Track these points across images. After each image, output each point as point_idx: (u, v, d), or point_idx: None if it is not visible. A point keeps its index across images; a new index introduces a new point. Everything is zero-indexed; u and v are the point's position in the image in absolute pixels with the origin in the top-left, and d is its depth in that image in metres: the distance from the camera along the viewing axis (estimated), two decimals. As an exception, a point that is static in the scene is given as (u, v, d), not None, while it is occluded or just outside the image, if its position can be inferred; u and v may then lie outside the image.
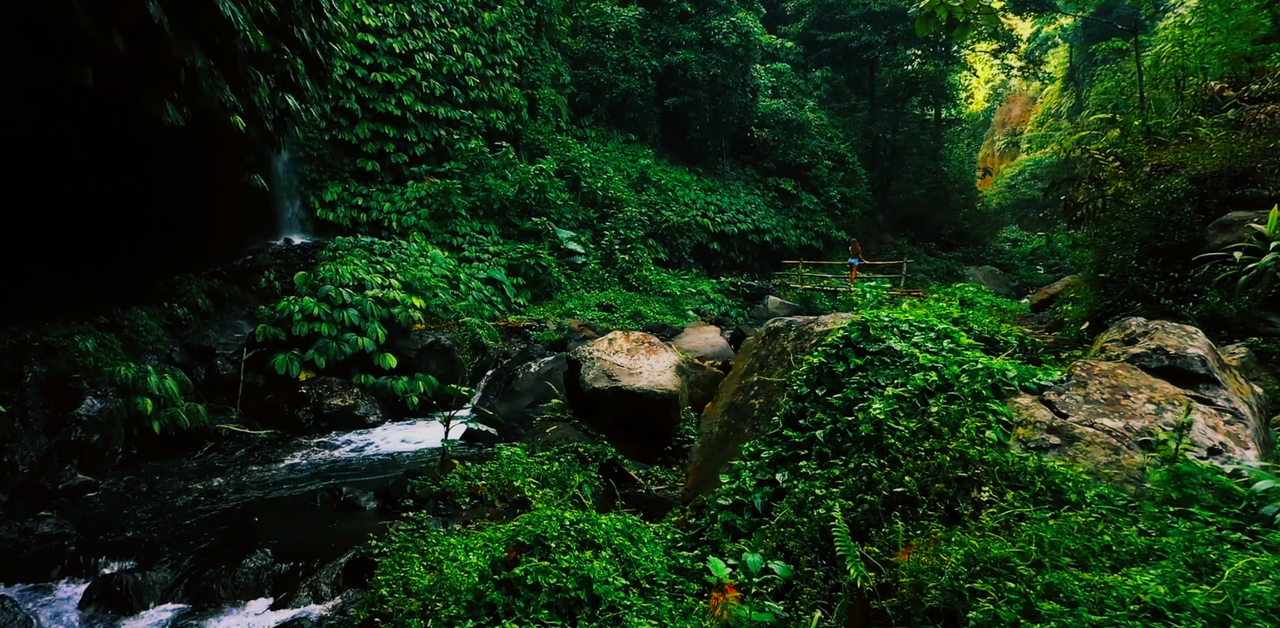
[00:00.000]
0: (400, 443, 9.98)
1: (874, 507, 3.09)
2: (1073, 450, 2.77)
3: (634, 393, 7.52)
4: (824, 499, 3.41)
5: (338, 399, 11.04)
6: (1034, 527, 2.32)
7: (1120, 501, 2.46)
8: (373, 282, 12.91)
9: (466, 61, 20.60)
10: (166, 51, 7.88)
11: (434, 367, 12.50)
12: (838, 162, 31.59)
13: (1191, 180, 5.90)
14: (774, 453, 4.03)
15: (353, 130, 18.31)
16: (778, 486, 3.88)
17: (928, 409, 3.30)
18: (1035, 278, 34.71)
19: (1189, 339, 3.27)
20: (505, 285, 17.33)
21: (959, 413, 3.13)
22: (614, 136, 27.04)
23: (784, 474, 3.88)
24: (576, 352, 8.20)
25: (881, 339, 3.94)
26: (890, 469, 3.15)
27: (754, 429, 4.46)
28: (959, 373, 3.41)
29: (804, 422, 4.02)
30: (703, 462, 4.81)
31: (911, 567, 2.49)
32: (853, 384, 3.86)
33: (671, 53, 26.75)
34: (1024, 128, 64.93)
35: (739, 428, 4.59)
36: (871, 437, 3.43)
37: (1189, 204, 5.84)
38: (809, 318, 4.70)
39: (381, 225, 17.99)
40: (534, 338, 14.86)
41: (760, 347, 4.84)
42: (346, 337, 11.71)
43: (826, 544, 3.23)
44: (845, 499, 3.28)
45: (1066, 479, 2.58)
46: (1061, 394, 3.09)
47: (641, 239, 22.23)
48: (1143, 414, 2.86)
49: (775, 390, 4.47)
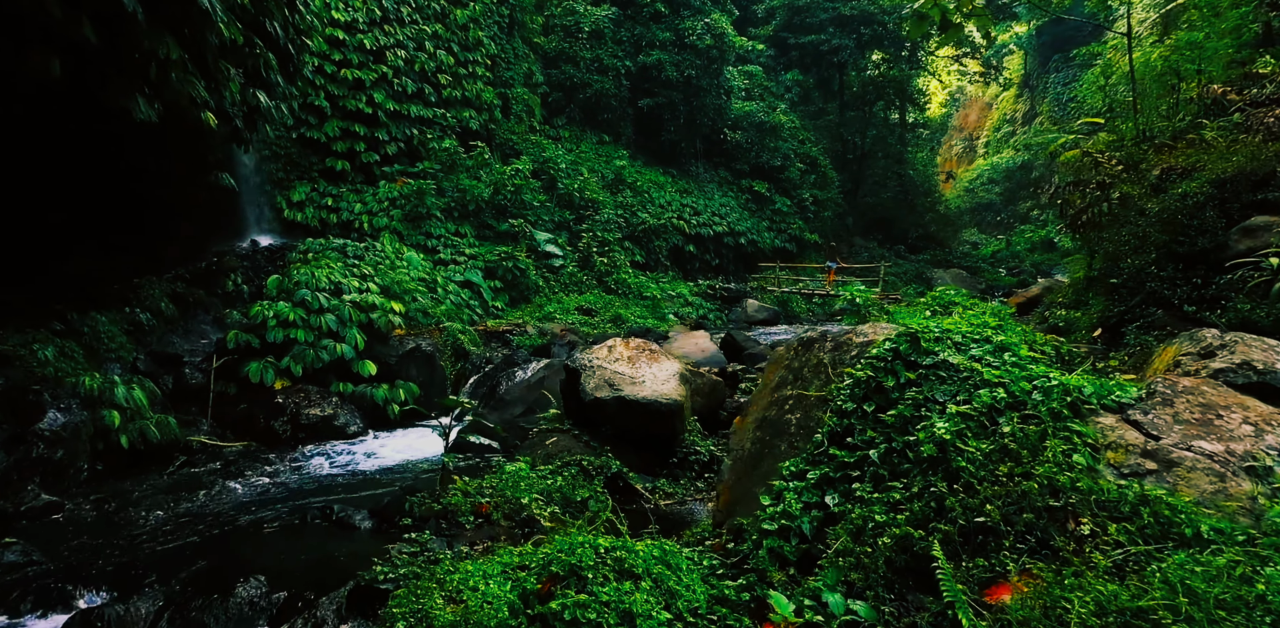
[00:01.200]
0: (386, 455, 9.57)
1: (949, 537, 2.92)
2: (1172, 477, 2.64)
3: (638, 403, 7.29)
4: (886, 526, 3.23)
5: (316, 409, 10.57)
6: (1174, 571, 2.16)
7: (1239, 535, 2.33)
8: (350, 285, 12.43)
9: (439, 59, 20.11)
10: (138, 42, 7.40)
11: (415, 374, 12.09)
12: (809, 164, 31.82)
13: (1213, 184, 5.92)
14: (820, 473, 3.84)
15: (322, 128, 17.70)
16: (828, 509, 3.69)
17: (999, 429, 3.15)
18: (1000, 280, 35.52)
19: (1275, 352, 3.19)
20: (483, 289, 16.93)
21: (1038, 434, 2.98)
22: (587, 137, 26.76)
23: (834, 497, 3.70)
24: (575, 360, 7.93)
25: (934, 352, 3.79)
26: (965, 495, 2.98)
27: (792, 446, 4.27)
28: (1029, 389, 3.27)
29: (852, 440, 3.84)
30: (735, 480, 4.61)
31: (1024, 613, 2.32)
32: (907, 401, 3.69)
33: (645, 53, 26.60)
34: (980, 133, 66.52)
35: (775, 445, 4.41)
36: (936, 458, 3.26)
37: (1210, 208, 5.86)
38: (845, 328, 4.54)
39: (352, 227, 17.43)
40: (515, 343, 14.52)
41: (793, 358, 4.66)
42: (324, 343, 11.24)
43: (897, 578, 3.06)
44: (912, 527, 3.11)
45: (1177, 511, 2.44)
46: (1148, 414, 2.96)
47: (618, 241, 22.00)
48: (1241, 436, 2.76)
49: (813, 405, 4.29)
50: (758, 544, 3.85)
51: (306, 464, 9.08)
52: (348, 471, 8.86)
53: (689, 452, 7.45)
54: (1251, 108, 6.83)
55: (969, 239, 49.43)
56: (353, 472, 8.78)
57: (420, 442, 10.27)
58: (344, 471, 8.86)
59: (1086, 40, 52.21)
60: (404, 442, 10.34)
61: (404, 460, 9.34)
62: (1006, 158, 57.21)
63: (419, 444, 10.11)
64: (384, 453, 9.75)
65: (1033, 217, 51.21)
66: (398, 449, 9.92)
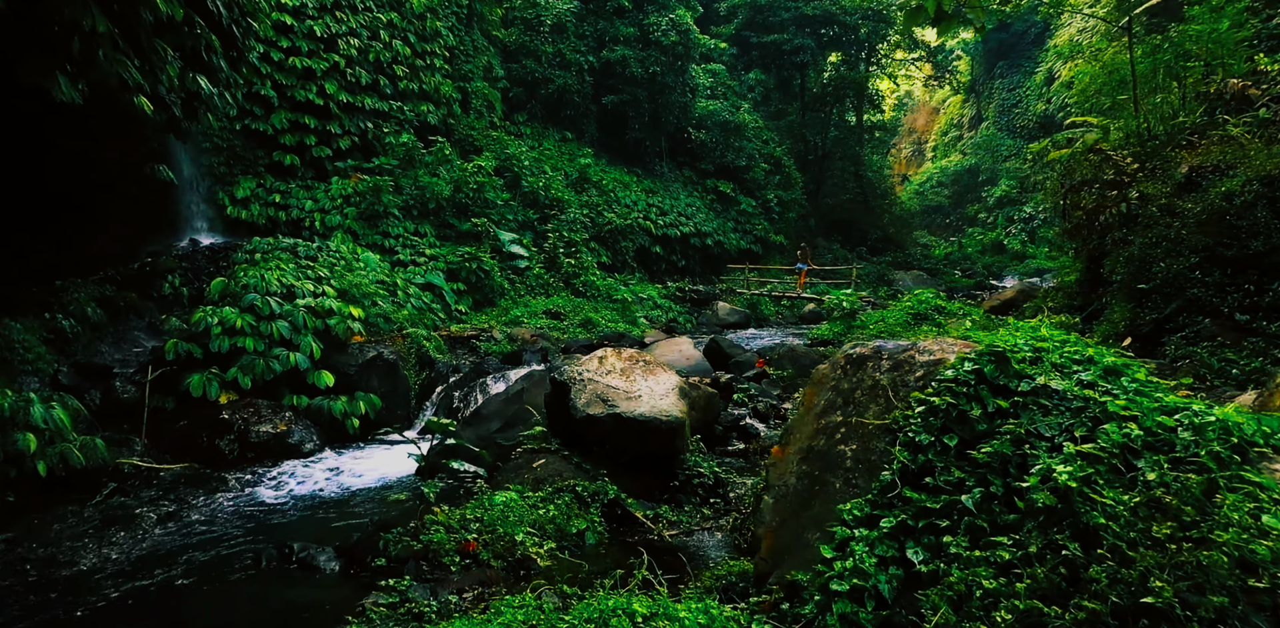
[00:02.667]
0: (348, 476, 8.69)
1: (1098, 619, 2.36)
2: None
3: (635, 421, 6.63)
4: (1000, 596, 2.66)
5: (267, 425, 9.59)
6: None
7: None
8: (304, 289, 11.43)
9: (395, 49, 19.06)
10: (57, 11, 6.41)
11: (377, 384, 11.18)
12: (774, 165, 31.60)
13: (1262, 182, 5.59)
14: (896, 521, 3.26)
15: (268, 120, 16.50)
16: (910, 566, 3.11)
17: (1141, 476, 2.62)
18: (958, 282, 35.93)
19: None
20: (445, 292, 16.01)
21: (1201, 485, 2.46)
22: (550, 135, 25.94)
23: (918, 552, 3.11)
24: (563, 373, 7.23)
25: (1029, 375, 3.25)
26: (1113, 563, 2.44)
27: (849, 484, 3.69)
28: (1172, 425, 2.75)
29: (933, 480, 3.27)
30: (779, 523, 4.00)
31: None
32: (1003, 435, 3.13)
33: (609, 49, 25.92)
34: (928, 137, 67.83)
35: (826, 481, 3.81)
36: (1057, 510, 2.71)
37: (1261, 208, 5.52)
38: (901, 344, 3.98)
39: (303, 225, 16.29)
40: (483, 350, 13.68)
41: (840, 378, 4.08)
42: (276, 352, 10.25)
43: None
44: (1037, 600, 2.55)
45: None
46: (1342, 461, 2.49)
47: (585, 242, 21.26)
48: None
49: (873, 435, 3.72)
50: (823, 607, 3.24)
51: (257, 489, 8.14)
52: (305, 496, 7.96)
53: (691, 474, 6.83)
54: (1277, 103, 6.62)
55: (920, 241, 50.22)
56: (311, 497, 7.88)
57: (385, 459, 9.41)
58: (301, 496, 7.95)
59: (1029, 48, 53.82)
60: (367, 462, 9.46)
61: (368, 482, 8.48)
62: (954, 162, 58.43)
63: (384, 462, 9.26)
64: (345, 474, 8.87)
65: (980, 219, 52.38)
66: (360, 469, 9.05)
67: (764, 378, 10.70)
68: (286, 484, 8.34)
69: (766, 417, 8.97)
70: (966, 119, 60.92)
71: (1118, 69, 12.78)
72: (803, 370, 10.81)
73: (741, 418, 8.80)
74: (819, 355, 11.08)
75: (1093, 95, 15.22)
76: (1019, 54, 54.42)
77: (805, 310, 23.71)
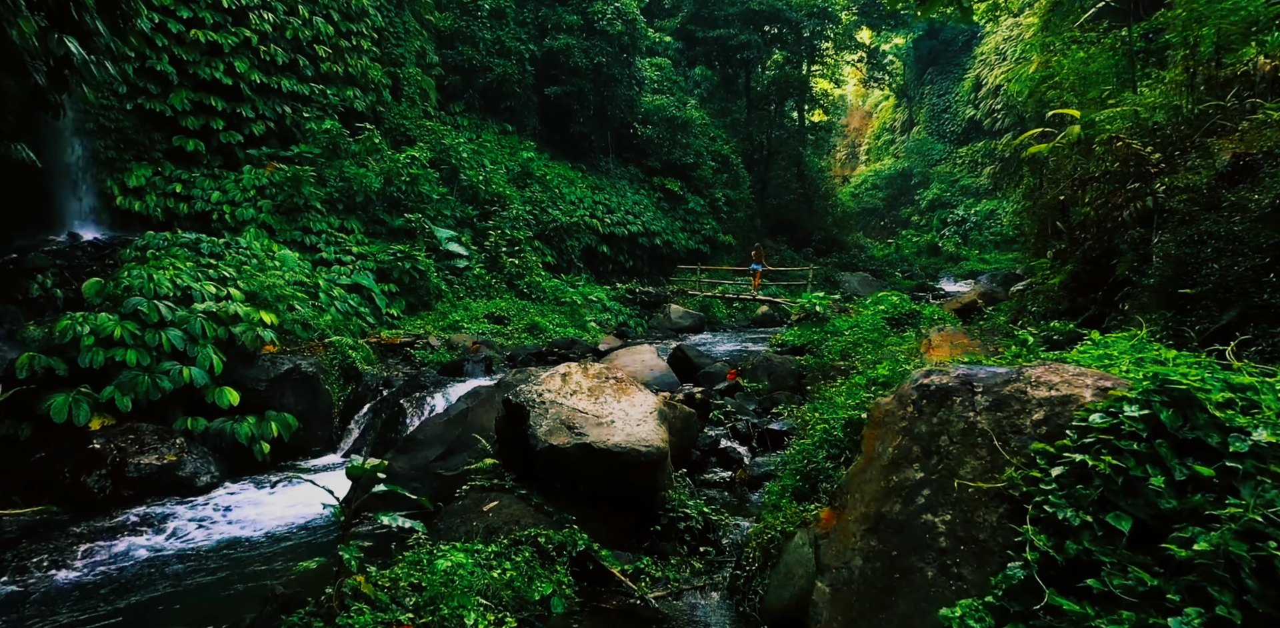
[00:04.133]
0: (250, 518, 7.17)
1: None
2: None
3: (609, 453, 5.43)
4: None
5: (151, 455, 7.95)
6: None
7: None
8: (204, 291, 9.77)
9: (316, 27, 17.26)
10: None
11: (292, 401, 9.62)
12: (721, 163, 30.83)
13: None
14: (1050, 641, 2.19)
15: (166, 99, 14.50)
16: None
17: None
18: (901, 283, 36.00)
19: None
20: (375, 294, 14.39)
21: None
22: (489, 126, 24.41)
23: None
24: (519, 393, 5.97)
25: (1240, 428, 2.24)
26: None
27: (946, 573, 2.61)
28: None
29: (1100, 585, 2.20)
30: (846, 624, 2.88)
31: None
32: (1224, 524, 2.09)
33: (552, 37, 24.59)
34: (862, 140, 68.89)
35: (911, 567, 2.72)
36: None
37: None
38: (1000, 372, 2.93)
39: (209, 219, 14.39)
40: (419, 359, 12.19)
41: (914, 418, 3.00)
42: (165, 367, 8.60)
43: None
44: None
45: None
46: None
47: (529, 240, 19.87)
48: None
49: (976, 502, 2.65)
50: None
51: (128, 541, 6.53)
52: (190, 550, 6.41)
53: (676, 515, 5.65)
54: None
55: (859, 243, 50.63)
56: (198, 552, 6.34)
57: (299, 493, 7.93)
58: (185, 550, 6.39)
59: (957, 55, 55.18)
60: (279, 496, 7.95)
61: (277, 525, 7.00)
62: (888, 165, 59.50)
63: (298, 496, 7.77)
64: (249, 514, 7.35)
65: (914, 222, 53.32)
66: (268, 507, 7.54)
67: (737, 391, 9.64)
68: (169, 532, 6.77)
69: (748, 438, 7.89)
70: (899, 123, 62.10)
71: (1091, 61, 12.32)
72: (780, 383, 9.80)
73: (720, 440, 7.71)
74: (797, 366, 10.11)
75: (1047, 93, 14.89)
76: (948, 61, 55.77)
77: (759, 313, 22.92)
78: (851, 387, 6.60)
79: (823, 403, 6.93)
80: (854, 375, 7.65)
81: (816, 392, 7.92)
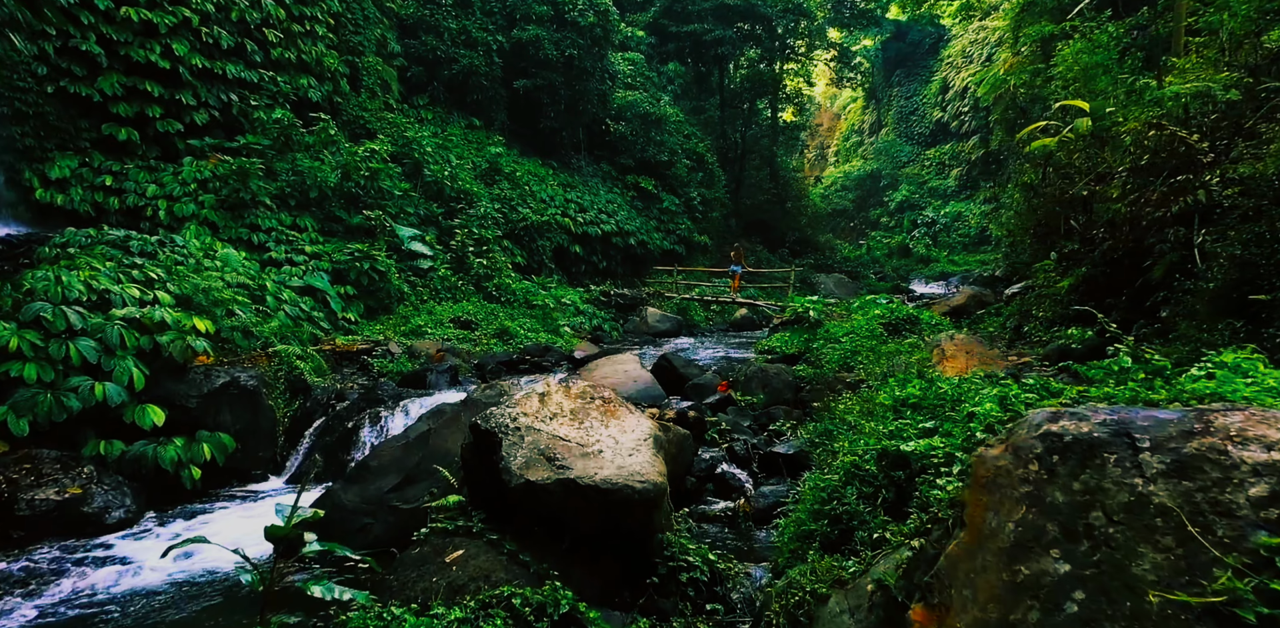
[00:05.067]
0: (164, 567, 6.04)
1: None
2: None
3: (596, 490, 4.50)
4: None
5: (50, 488, 6.78)
6: None
7: None
8: (125, 295, 8.58)
9: (265, 9, 16.02)
10: None
11: (229, 420, 8.48)
12: (696, 161, 30.04)
13: None
14: None
15: (94, 83, 13.16)
16: None
17: None
18: (875, 285, 35.56)
19: None
20: (330, 297, 13.22)
21: None
22: (455, 120, 23.26)
23: None
24: (490, 417, 4.99)
25: None
26: None
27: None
28: None
29: None
30: None
31: None
32: None
33: (521, 28, 23.53)
34: (831, 141, 68.90)
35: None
36: None
37: None
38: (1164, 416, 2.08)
39: (143, 215, 13.08)
40: (377, 368, 11.09)
41: (1043, 483, 2.11)
42: (74, 382, 7.42)
43: None
44: None
45: None
46: None
47: (497, 240, 18.79)
48: None
49: (1173, 621, 1.79)
50: None
51: (15, 599, 5.40)
52: (89, 607, 5.30)
53: (677, 564, 4.72)
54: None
55: (830, 244, 50.38)
56: (97, 611, 5.23)
57: (228, 528, 6.85)
58: (69, 610, 5.26)
59: (924, 57, 55.41)
60: (205, 529, 6.83)
61: (198, 573, 5.91)
62: (857, 166, 59.51)
63: (228, 533, 6.65)
64: (162, 561, 6.21)
65: (883, 223, 53.33)
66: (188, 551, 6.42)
67: (730, 405, 8.76)
68: (61, 583, 5.63)
69: (747, 461, 7.01)
70: (867, 125, 62.21)
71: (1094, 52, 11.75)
72: (776, 396, 8.94)
73: (718, 464, 6.81)
74: (795, 378, 9.26)
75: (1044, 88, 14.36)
76: (915, 63, 56.06)
77: (737, 316, 22.14)
78: (872, 406, 5.76)
79: (837, 424, 6.09)
80: (867, 392, 6.83)
81: (824, 408, 7.09)
